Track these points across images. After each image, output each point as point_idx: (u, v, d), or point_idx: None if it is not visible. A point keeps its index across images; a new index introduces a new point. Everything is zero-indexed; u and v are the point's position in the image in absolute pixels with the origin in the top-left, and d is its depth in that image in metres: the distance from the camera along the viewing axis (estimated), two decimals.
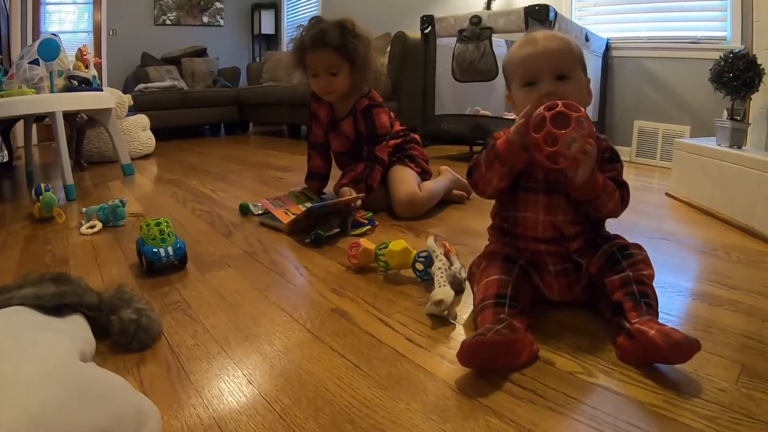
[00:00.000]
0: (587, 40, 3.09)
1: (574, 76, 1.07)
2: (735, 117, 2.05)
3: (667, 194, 2.34)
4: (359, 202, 1.80)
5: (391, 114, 2.13)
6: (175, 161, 3.80)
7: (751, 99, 2.08)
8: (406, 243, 1.28)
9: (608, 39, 3.46)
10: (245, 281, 1.33)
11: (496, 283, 1.00)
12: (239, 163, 3.57)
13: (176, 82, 5.71)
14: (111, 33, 6.36)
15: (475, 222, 1.84)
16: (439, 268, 1.15)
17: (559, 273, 1.09)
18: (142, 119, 4.15)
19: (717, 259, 1.49)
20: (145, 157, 4.03)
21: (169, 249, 1.41)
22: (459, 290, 1.19)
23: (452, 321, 1.06)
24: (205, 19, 7.05)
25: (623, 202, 1.09)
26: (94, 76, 3.13)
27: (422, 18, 3.43)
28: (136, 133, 3.99)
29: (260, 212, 1.97)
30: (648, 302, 0.94)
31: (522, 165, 1.05)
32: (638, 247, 1.05)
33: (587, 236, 1.10)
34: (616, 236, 1.10)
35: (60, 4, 6.22)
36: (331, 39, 1.91)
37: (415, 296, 1.20)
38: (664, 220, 1.95)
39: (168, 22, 6.84)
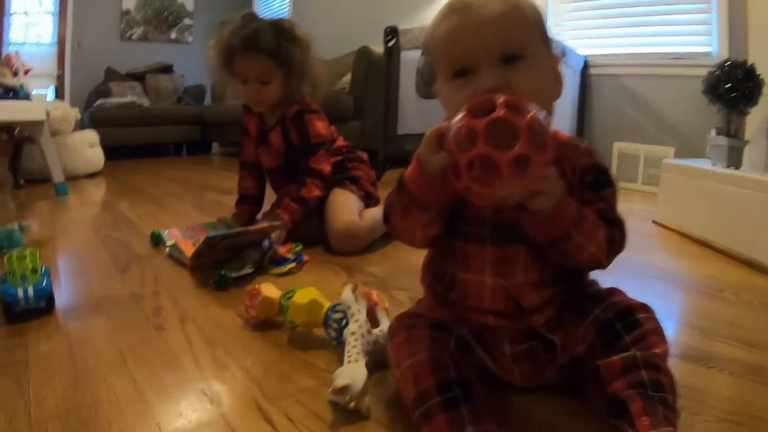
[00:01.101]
0: (564, 54, 2.85)
1: (529, 54, 0.69)
2: (732, 134, 1.82)
3: (654, 222, 2.08)
4: (279, 233, 1.49)
5: (332, 127, 1.82)
6: (119, 182, 3.49)
7: (748, 113, 1.84)
8: (317, 293, 0.96)
9: (586, 57, 3.26)
10: (112, 336, 1.02)
11: (429, 366, 0.66)
12: (184, 185, 3.25)
13: (136, 99, 5.40)
14: (76, 45, 6.10)
15: None
16: (353, 333, 0.84)
17: (519, 356, 0.75)
18: (90, 135, 3.84)
19: (725, 304, 1.22)
20: (92, 175, 3.72)
21: (30, 289, 1.10)
22: (382, 363, 0.83)
23: (363, 415, 0.73)
24: (173, 35, 6.78)
25: (611, 244, 0.71)
26: (21, 86, 2.82)
27: (386, 30, 3.16)
28: (83, 149, 3.68)
29: (171, 242, 1.66)
30: (665, 400, 0.61)
31: (448, 201, 0.70)
32: (645, 308, 0.71)
33: (562, 297, 0.75)
34: (611, 291, 0.76)
35: (24, 14, 5.96)
36: (264, 43, 1.62)
37: (323, 368, 0.88)
38: (653, 252, 1.68)
39: (134, 37, 6.57)
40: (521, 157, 0.54)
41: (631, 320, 0.68)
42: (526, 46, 0.69)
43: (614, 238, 0.71)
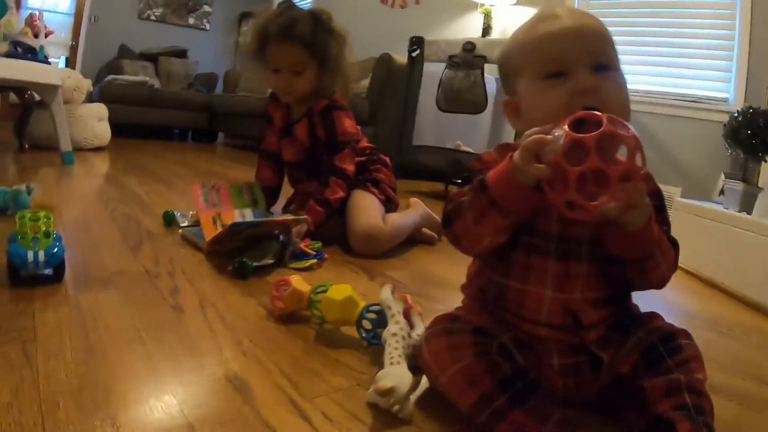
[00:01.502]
0: None
1: (615, 67, 0.72)
2: (747, 180, 1.86)
3: None
4: (304, 227, 1.44)
5: (358, 126, 1.77)
6: (125, 159, 3.45)
7: (765, 161, 1.86)
8: (353, 290, 0.91)
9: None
10: (126, 312, 0.96)
11: (481, 367, 0.66)
12: (191, 170, 3.19)
13: (148, 79, 5.35)
14: (92, 20, 6.07)
15: (447, 270, 1.48)
16: (394, 334, 0.79)
17: (566, 369, 0.73)
18: (100, 109, 3.81)
19: (736, 342, 1.22)
20: (97, 149, 3.68)
21: (40, 253, 1.04)
22: (418, 368, 0.79)
23: (405, 420, 0.69)
24: (191, 21, 6.75)
25: (676, 265, 0.75)
26: (41, 47, 2.78)
27: (411, 39, 3.15)
28: (91, 122, 3.65)
29: (185, 224, 1.60)
30: (708, 424, 0.62)
31: (534, 212, 0.70)
32: (686, 335, 0.72)
33: (614, 318, 0.75)
34: (652, 315, 0.77)
35: None
36: (300, 31, 1.57)
37: (356, 369, 0.83)
38: (665, 291, 1.63)
39: (153, 17, 6.54)
40: (629, 171, 0.57)
41: (673, 345, 0.70)
42: (614, 60, 0.72)
43: (677, 260, 0.76)
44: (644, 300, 0.76)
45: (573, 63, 0.69)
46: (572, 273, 0.72)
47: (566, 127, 0.59)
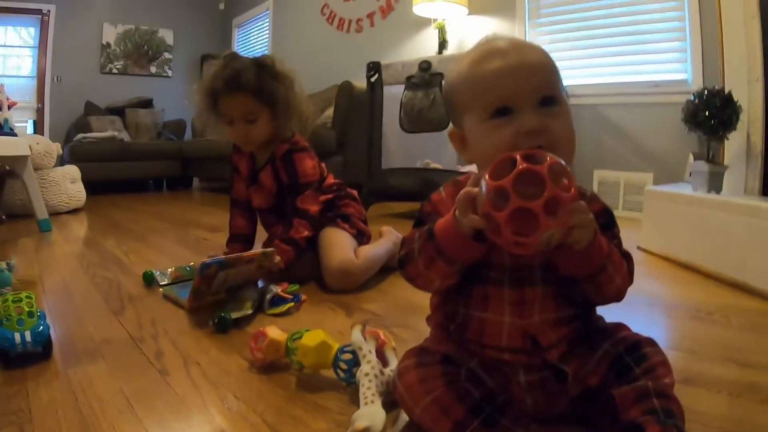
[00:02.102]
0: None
1: (561, 100, 0.74)
2: (711, 159, 1.88)
3: (639, 248, 2.11)
4: (277, 259, 1.49)
5: (322, 164, 1.83)
6: (103, 217, 3.47)
7: (727, 139, 1.91)
8: (325, 335, 0.96)
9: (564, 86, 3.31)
10: (115, 382, 1.00)
11: (452, 395, 0.70)
12: (167, 221, 3.23)
13: (117, 134, 5.37)
14: (56, 80, 6.09)
15: (424, 296, 1.48)
16: (367, 374, 0.84)
17: (533, 385, 0.77)
18: (72, 170, 3.82)
19: (716, 327, 1.27)
20: (74, 211, 3.70)
21: (27, 334, 1.08)
22: (394, 403, 0.83)
23: None
24: (153, 69, 6.80)
25: (631, 275, 0.78)
26: (6, 120, 2.82)
27: (368, 65, 3.21)
28: (65, 185, 3.66)
29: (165, 282, 1.64)
30: (677, 425, 0.66)
31: (479, 257, 0.73)
32: (651, 342, 0.75)
33: (576, 333, 0.78)
34: (617, 326, 0.80)
35: (5, 46, 5.94)
36: (246, 81, 1.62)
37: (335, 411, 0.88)
38: (642, 279, 1.69)
39: (115, 70, 6.59)
40: (552, 199, 0.59)
41: (639, 353, 0.73)
42: (559, 91, 0.74)
43: (632, 270, 0.78)
44: (626, 299, 0.79)
45: (519, 101, 0.71)
46: (527, 298, 0.75)
47: (486, 176, 0.63)
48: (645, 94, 3.10)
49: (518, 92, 0.71)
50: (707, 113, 1.83)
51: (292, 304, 1.42)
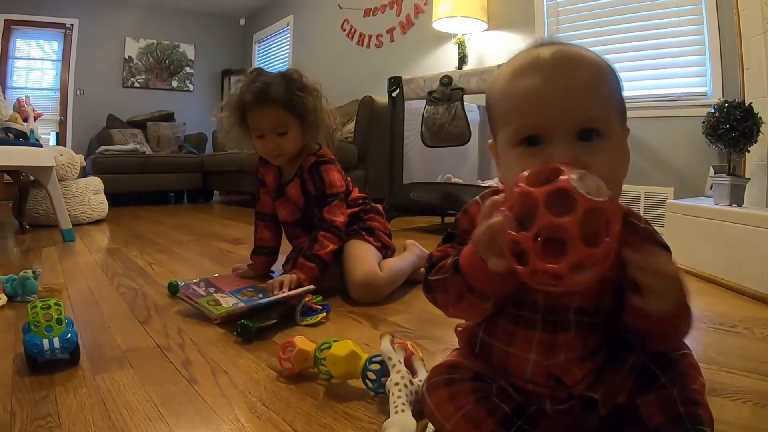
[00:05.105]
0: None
1: (607, 131, 0.63)
2: (732, 172, 1.87)
3: None
4: (309, 296, 1.48)
5: (348, 178, 1.84)
6: (125, 228, 3.51)
7: (748, 151, 1.89)
8: (354, 345, 0.96)
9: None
10: (144, 389, 1.00)
11: (483, 410, 0.69)
12: (190, 234, 3.26)
13: (139, 146, 5.45)
14: (78, 93, 6.19)
15: None
16: (396, 383, 0.84)
17: (559, 413, 0.73)
18: (95, 182, 3.88)
19: (740, 339, 1.27)
20: (96, 222, 3.76)
21: (55, 340, 1.09)
22: (422, 413, 0.82)
23: None
24: (174, 84, 6.90)
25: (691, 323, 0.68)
26: (32, 130, 2.87)
27: (389, 80, 3.23)
28: (87, 196, 3.72)
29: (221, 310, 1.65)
30: (702, 431, 0.62)
31: (511, 288, 0.66)
32: (678, 346, 0.70)
33: (601, 363, 0.72)
34: None
35: (28, 59, 6.06)
36: (275, 93, 1.63)
37: (365, 420, 0.87)
38: None
39: (137, 84, 6.70)
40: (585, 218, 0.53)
41: (665, 360, 0.68)
42: (607, 122, 0.63)
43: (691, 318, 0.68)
44: None
45: (550, 131, 0.62)
46: (559, 343, 0.70)
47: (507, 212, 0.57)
48: (664, 108, 3.08)
49: (551, 121, 0.61)
50: (728, 126, 1.83)
51: (324, 314, 1.42)
